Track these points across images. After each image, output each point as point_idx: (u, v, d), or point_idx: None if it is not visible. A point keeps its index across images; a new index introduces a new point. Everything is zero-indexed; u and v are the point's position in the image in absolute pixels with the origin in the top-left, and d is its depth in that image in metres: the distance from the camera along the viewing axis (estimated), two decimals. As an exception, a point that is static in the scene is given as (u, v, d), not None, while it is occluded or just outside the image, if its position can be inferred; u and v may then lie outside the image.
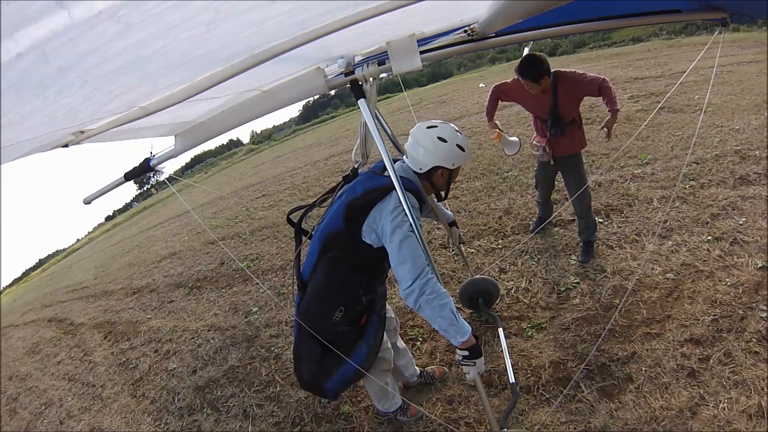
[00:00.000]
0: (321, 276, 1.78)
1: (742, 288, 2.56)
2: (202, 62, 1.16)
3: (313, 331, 1.80)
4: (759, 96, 5.44)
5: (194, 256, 6.97)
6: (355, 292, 1.75)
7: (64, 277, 12.83)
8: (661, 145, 4.80)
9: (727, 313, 2.42)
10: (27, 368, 5.50)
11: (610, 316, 2.60)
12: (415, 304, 1.60)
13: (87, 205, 2.02)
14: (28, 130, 1.17)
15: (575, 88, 2.77)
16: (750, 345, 2.20)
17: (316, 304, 1.80)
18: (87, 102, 1.14)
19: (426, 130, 1.79)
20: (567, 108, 2.83)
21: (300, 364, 1.98)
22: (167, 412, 3.23)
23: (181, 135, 1.79)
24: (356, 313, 1.80)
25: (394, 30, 1.52)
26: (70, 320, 6.72)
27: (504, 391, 2.35)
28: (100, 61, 0.85)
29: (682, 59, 9.17)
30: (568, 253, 3.32)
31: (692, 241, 3.08)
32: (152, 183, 37.32)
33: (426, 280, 1.58)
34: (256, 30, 1.04)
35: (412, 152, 1.80)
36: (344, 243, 1.74)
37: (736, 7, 1.69)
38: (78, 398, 4.08)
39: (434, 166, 1.78)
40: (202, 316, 4.57)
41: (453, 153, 1.77)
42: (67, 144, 1.54)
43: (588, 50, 15.72)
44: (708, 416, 1.92)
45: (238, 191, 11.35)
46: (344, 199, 1.76)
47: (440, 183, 1.84)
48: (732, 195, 3.49)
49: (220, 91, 1.35)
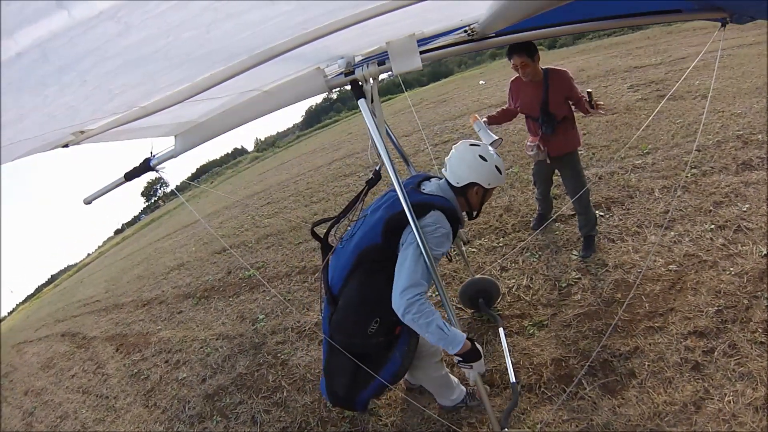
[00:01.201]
0: (355, 289, 1.82)
1: (746, 277, 2.52)
2: (202, 62, 1.17)
3: (345, 343, 1.83)
4: (760, 78, 5.34)
5: (202, 266, 7.06)
6: (390, 303, 1.76)
7: (75, 292, 13.08)
8: (661, 134, 4.74)
9: (731, 304, 2.38)
10: (42, 383, 5.62)
11: (612, 311, 2.57)
12: (402, 318, 1.64)
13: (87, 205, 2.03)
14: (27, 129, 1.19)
15: (563, 85, 2.76)
16: (755, 335, 2.16)
17: (351, 317, 1.84)
18: (87, 101, 1.16)
19: (469, 147, 1.91)
20: (556, 104, 2.80)
21: (332, 381, 1.99)
22: (178, 421, 3.28)
23: (181, 135, 1.81)
24: (391, 324, 1.81)
25: (394, 30, 1.53)
26: (83, 334, 6.85)
27: (505, 390, 2.34)
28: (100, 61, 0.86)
29: (681, 45, 9.04)
30: (569, 249, 3.30)
31: (695, 230, 3.03)
32: (159, 195, 37.81)
33: (413, 300, 1.61)
34: (256, 30, 1.05)
35: (452, 166, 1.90)
36: (381, 257, 1.78)
37: (736, 7, 1.70)
38: (92, 410, 4.16)
39: (471, 182, 1.86)
40: (210, 326, 4.63)
41: (491, 173, 1.87)
42: (67, 144, 1.56)
43: (587, 41, 15.55)
44: (713, 410, 1.90)
45: (244, 200, 11.45)
46: (383, 214, 1.80)
47: (474, 201, 1.92)
48: (735, 181, 3.43)
49: (220, 91, 1.36)
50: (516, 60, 2.71)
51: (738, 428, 1.80)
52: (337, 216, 2.02)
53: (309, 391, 2.94)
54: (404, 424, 2.39)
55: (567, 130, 2.88)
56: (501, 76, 13.03)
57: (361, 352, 1.84)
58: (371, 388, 1.92)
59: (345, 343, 1.85)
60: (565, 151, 2.94)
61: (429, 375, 2.15)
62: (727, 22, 1.78)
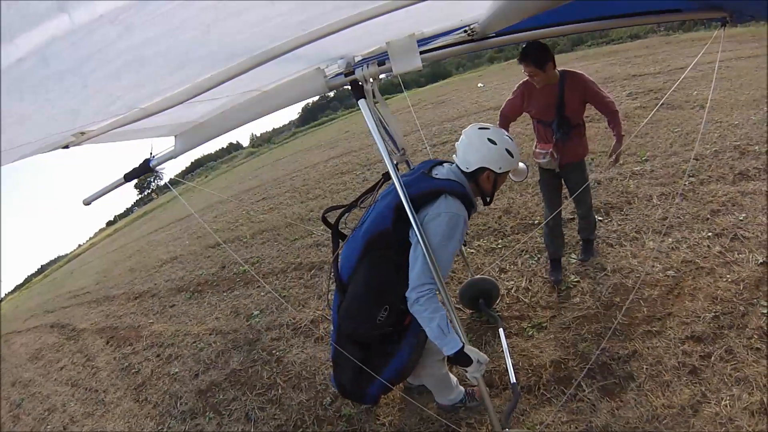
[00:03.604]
0: (365, 276, 1.79)
1: (743, 284, 2.55)
2: (202, 63, 1.16)
3: (357, 331, 1.82)
4: (758, 91, 5.43)
5: (195, 260, 6.98)
6: (400, 291, 1.73)
7: (66, 283, 12.89)
8: (660, 141, 4.79)
9: (728, 310, 2.41)
10: (30, 374, 5.52)
11: (610, 315, 2.59)
12: (411, 307, 1.65)
13: (87, 206, 2.00)
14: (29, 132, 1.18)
15: (584, 90, 2.59)
16: (751, 341, 2.19)
17: (360, 304, 1.80)
18: (88, 104, 1.15)
19: (478, 131, 1.82)
20: (573, 109, 2.62)
21: (339, 372, 1.97)
22: (170, 416, 3.23)
23: (181, 136, 1.80)
24: (400, 312, 1.79)
25: (394, 30, 1.52)
26: (73, 326, 6.74)
27: (505, 391, 2.35)
28: (100, 64, 0.86)
29: (680, 55, 9.17)
30: (568, 252, 3.31)
31: (692, 237, 3.07)
32: (153, 188, 37.42)
33: (423, 294, 1.62)
34: (256, 31, 1.04)
35: (462, 151, 1.83)
36: (390, 243, 1.75)
37: (736, 6, 1.70)
38: (81, 403, 4.09)
39: (481, 167, 1.79)
40: (203, 320, 4.58)
41: (501, 156, 1.78)
42: (67, 145, 1.54)
43: (586, 47, 15.72)
44: (710, 414, 1.92)
45: (239, 195, 11.37)
46: (392, 200, 1.76)
47: (486, 186, 1.84)
48: (732, 191, 3.48)
49: (220, 92, 1.35)
50: (525, 68, 2.54)
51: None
52: (348, 204, 2.00)
53: (304, 388, 2.92)
54: (402, 424, 2.38)
55: (581, 136, 2.75)
56: (499, 80, 13.11)
57: (367, 341, 1.82)
58: (379, 383, 1.89)
59: (353, 331, 1.82)
60: (578, 158, 2.79)
61: (429, 373, 2.14)
62: (727, 22, 1.77)
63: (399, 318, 1.81)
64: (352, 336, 1.84)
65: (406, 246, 1.71)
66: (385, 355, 1.85)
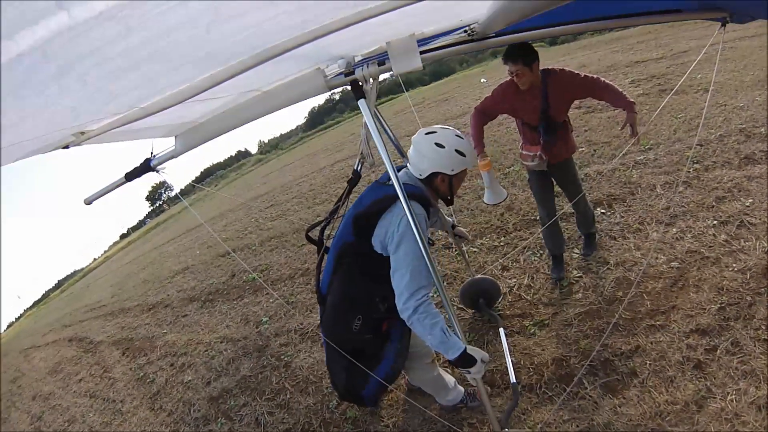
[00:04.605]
0: (338, 287, 1.84)
1: (749, 273, 2.48)
2: (202, 62, 1.17)
3: (337, 341, 1.84)
4: (762, 71, 5.27)
5: (206, 270, 7.11)
6: (371, 300, 1.76)
7: (82, 297, 13.23)
8: (663, 128, 4.70)
9: (734, 301, 2.35)
10: (50, 387, 5.70)
11: (613, 310, 2.56)
12: (408, 321, 1.64)
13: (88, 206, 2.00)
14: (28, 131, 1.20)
15: (566, 88, 2.50)
16: (759, 333, 2.13)
17: (335, 315, 1.86)
18: (87, 102, 1.17)
19: (424, 137, 1.79)
20: (558, 109, 2.57)
21: (333, 377, 2.03)
22: (184, 423, 3.31)
23: (182, 135, 1.80)
24: (375, 321, 1.81)
25: (394, 30, 1.52)
26: (90, 339, 6.93)
27: (506, 390, 2.34)
28: (100, 62, 0.87)
29: (683, 38, 8.97)
30: (571, 247, 3.28)
31: (697, 226, 3.00)
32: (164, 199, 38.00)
33: (421, 301, 1.60)
34: (256, 30, 1.05)
35: (413, 158, 1.82)
36: (357, 254, 1.77)
37: (736, 6, 1.69)
38: (99, 414, 4.21)
39: (433, 172, 1.77)
40: (214, 329, 4.67)
41: (452, 159, 1.75)
42: (67, 145, 1.56)
43: (589, 36, 15.46)
44: (715, 409, 1.88)
45: (247, 202, 11.51)
46: (351, 211, 1.80)
47: (443, 189, 1.82)
48: (738, 176, 3.39)
49: (220, 91, 1.36)
50: (511, 67, 2.44)
51: (741, 427, 1.78)
52: (325, 218, 2.04)
53: (312, 392, 2.96)
54: (405, 425, 2.39)
55: (567, 134, 2.70)
56: (503, 74, 12.96)
57: (352, 348, 1.84)
58: (372, 386, 1.91)
59: (336, 341, 1.85)
60: (565, 157, 2.75)
61: (421, 376, 2.15)
62: (727, 22, 1.77)
63: (375, 325, 1.83)
64: (337, 344, 1.86)
65: (372, 256, 1.71)
66: (372, 360, 1.86)
